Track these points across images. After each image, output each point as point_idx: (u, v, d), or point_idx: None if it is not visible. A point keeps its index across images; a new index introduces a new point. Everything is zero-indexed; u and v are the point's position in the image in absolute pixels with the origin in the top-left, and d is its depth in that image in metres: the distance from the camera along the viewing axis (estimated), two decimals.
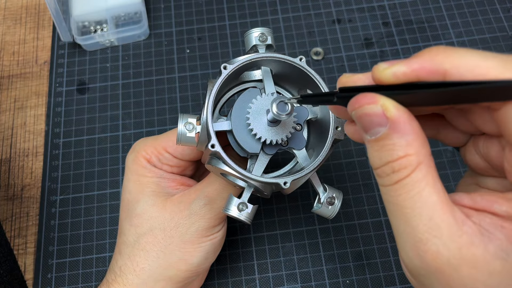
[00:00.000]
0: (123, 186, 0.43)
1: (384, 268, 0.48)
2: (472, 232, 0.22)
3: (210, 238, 0.40)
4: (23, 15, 0.65)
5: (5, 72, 0.61)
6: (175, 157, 0.42)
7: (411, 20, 0.62)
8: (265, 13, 0.63)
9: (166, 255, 0.39)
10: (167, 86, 0.59)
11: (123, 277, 0.39)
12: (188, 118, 0.35)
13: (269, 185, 0.34)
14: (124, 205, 0.42)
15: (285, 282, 0.48)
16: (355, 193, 0.52)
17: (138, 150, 0.42)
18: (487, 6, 0.62)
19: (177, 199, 0.40)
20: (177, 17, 0.64)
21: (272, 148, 0.36)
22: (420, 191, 0.23)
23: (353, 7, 0.63)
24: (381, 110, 0.23)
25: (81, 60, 0.61)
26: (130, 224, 0.40)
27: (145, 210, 0.40)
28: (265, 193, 0.35)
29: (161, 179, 0.41)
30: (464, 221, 0.23)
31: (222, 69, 0.35)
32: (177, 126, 0.35)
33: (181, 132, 0.35)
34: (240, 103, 0.36)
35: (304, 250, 0.49)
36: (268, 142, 0.35)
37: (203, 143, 0.34)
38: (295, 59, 0.36)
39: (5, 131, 0.57)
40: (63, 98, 0.59)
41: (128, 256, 0.39)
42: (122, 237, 0.41)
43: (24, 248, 0.51)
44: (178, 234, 0.39)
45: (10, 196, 0.53)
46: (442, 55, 0.23)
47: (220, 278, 0.49)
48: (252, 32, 0.36)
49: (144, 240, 0.39)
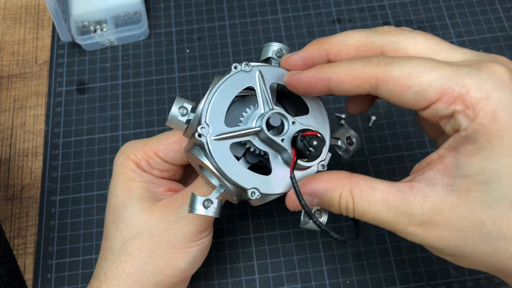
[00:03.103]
0: (110, 189, 0.42)
1: (384, 268, 0.48)
2: (420, 188, 0.29)
3: (198, 243, 0.39)
4: (22, 15, 0.65)
5: (4, 72, 0.61)
6: (166, 162, 0.41)
7: (411, 20, 0.62)
8: (265, 13, 0.63)
9: (153, 260, 0.38)
10: (167, 86, 0.59)
11: (108, 283, 0.38)
12: (184, 103, 0.35)
13: (241, 191, 0.33)
14: (110, 209, 0.41)
15: (285, 282, 0.48)
16: None
17: (127, 153, 0.41)
18: (487, 6, 0.62)
19: (165, 204, 0.39)
20: (177, 17, 0.64)
21: (253, 157, 0.36)
22: (368, 200, 0.30)
23: (353, 7, 0.63)
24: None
25: (80, 60, 0.61)
26: (116, 229, 0.39)
27: (133, 215, 0.39)
28: (234, 198, 0.34)
29: (149, 184, 0.41)
30: (412, 186, 0.29)
31: (243, 66, 0.34)
32: (172, 107, 0.35)
33: (173, 114, 0.35)
34: (237, 105, 0.36)
35: (304, 250, 0.49)
36: (252, 150, 0.34)
37: (193, 129, 0.34)
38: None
39: (4, 131, 0.57)
40: (62, 98, 0.59)
41: (114, 261, 0.39)
42: (107, 242, 0.40)
43: (24, 248, 0.51)
44: (165, 239, 0.38)
45: (10, 196, 0.53)
46: (326, 66, 0.31)
47: (220, 278, 0.49)
48: (271, 45, 0.37)
49: (131, 245, 0.38)
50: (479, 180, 0.27)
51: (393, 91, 0.28)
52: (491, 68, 0.27)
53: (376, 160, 0.53)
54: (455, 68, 0.27)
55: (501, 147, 0.26)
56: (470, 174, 0.27)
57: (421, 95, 0.28)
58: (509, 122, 0.26)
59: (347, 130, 0.38)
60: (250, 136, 0.34)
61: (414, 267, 0.48)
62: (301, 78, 0.32)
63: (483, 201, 0.27)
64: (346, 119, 0.56)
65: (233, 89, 0.34)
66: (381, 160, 0.53)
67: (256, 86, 0.34)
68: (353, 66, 0.30)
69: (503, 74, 0.27)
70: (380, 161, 0.53)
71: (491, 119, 0.26)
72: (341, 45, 0.32)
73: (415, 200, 0.29)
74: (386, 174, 0.52)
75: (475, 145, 0.27)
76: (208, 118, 0.33)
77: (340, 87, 0.30)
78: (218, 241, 0.50)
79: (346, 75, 0.30)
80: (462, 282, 0.47)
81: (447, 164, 0.28)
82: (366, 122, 0.55)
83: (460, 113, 0.27)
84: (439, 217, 0.28)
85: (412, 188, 0.29)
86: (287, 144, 0.33)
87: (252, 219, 0.51)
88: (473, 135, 0.27)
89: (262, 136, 0.33)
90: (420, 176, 0.29)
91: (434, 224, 0.28)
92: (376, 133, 0.55)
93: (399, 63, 0.28)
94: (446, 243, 0.28)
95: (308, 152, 0.32)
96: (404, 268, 0.48)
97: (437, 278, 0.47)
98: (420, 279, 0.48)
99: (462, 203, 0.27)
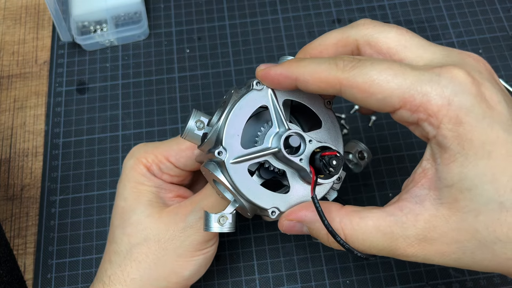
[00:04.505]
0: (118, 191, 0.42)
1: (384, 268, 0.48)
2: (410, 207, 0.29)
3: (204, 252, 0.39)
4: (22, 15, 0.65)
5: (4, 72, 0.61)
6: (177, 167, 0.41)
7: (411, 20, 0.62)
8: (265, 13, 0.63)
9: (159, 267, 0.38)
10: (167, 86, 0.59)
11: (112, 287, 0.38)
12: (201, 116, 0.35)
13: (256, 208, 0.33)
14: (118, 212, 0.41)
15: (285, 282, 0.48)
16: (355, 193, 0.52)
17: (138, 156, 0.41)
18: (487, 6, 0.62)
19: (173, 210, 0.39)
20: (177, 17, 0.64)
21: (268, 173, 0.36)
22: (361, 230, 0.30)
23: (353, 7, 0.63)
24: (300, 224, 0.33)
25: (80, 60, 0.61)
26: (123, 233, 0.39)
27: (140, 220, 0.39)
28: (248, 214, 0.34)
29: (159, 189, 0.41)
30: (402, 207, 0.29)
31: (255, 84, 0.34)
32: (188, 120, 0.35)
33: (190, 127, 0.35)
34: (252, 123, 0.36)
35: (304, 250, 0.49)
36: (266, 166, 0.34)
37: (209, 145, 0.34)
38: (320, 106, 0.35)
39: (4, 131, 0.57)
40: (62, 98, 0.59)
41: (119, 265, 0.39)
42: (113, 245, 0.40)
43: (24, 248, 0.51)
44: (172, 246, 0.38)
45: (10, 196, 0.53)
46: (294, 65, 0.31)
47: (220, 278, 0.49)
48: (286, 58, 0.37)
49: (137, 250, 0.38)
50: (463, 188, 0.27)
51: (357, 97, 0.29)
52: (452, 72, 0.27)
53: (376, 160, 0.53)
54: (417, 74, 0.27)
55: (475, 150, 0.26)
56: (453, 183, 0.27)
57: (385, 102, 0.28)
58: (474, 124, 0.26)
59: (357, 144, 0.38)
60: (268, 156, 0.34)
61: (414, 267, 0.48)
62: (270, 74, 0.33)
63: (473, 208, 0.26)
64: (346, 119, 0.56)
65: (247, 110, 0.33)
66: (381, 160, 0.53)
67: (269, 105, 0.34)
68: (319, 69, 0.30)
69: (464, 78, 0.27)
70: (380, 161, 0.53)
71: (456, 124, 0.26)
72: (320, 47, 0.34)
73: (407, 221, 0.28)
74: (386, 174, 0.52)
75: (449, 152, 0.27)
76: (224, 141, 0.32)
77: (307, 87, 0.31)
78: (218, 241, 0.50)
79: (312, 77, 0.30)
80: (462, 282, 0.47)
81: (430, 177, 0.28)
82: (366, 122, 0.55)
83: (424, 121, 0.27)
84: (434, 233, 0.28)
85: (402, 209, 0.29)
86: (306, 163, 0.33)
87: (252, 219, 0.51)
88: (444, 141, 0.27)
89: (279, 156, 0.33)
90: (407, 194, 0.29)
91: (431, 241, 0.28)
92: (376, 133, 0.55)
93: (363, 69, 0.28)
94: (446, 257, 0.28)
95: (328, 172, 0.32)
96: (404, 268, 0.48)
97: (437, 278, 0.47)
98: (420, 279, 0.48)
99: (453, 214, 0.27)
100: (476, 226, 0.27)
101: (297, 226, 0.33)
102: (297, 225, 0.33)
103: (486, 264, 0.28)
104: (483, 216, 0.26)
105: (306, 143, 0.33)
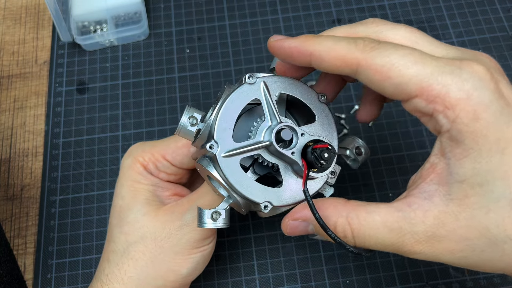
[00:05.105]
0: (115, 191, 0.42)
1: (384, 268, 0.48)
2: (419, 203, 0.28)
3: (201, 249, 0.39)
4: (22, 15, 0.65)
5: (4, 72, 0.61)
6: (173, 165, 0.41)
7: (411, 20, 0.62)
8: (265, 13, 0.63)
9: (156, 265, 0.38)
10: (167, 86, 0.59)
11: (109, 285, 0.38)
12: (194, 112, 0.35)
13: (250, 203, 0.33)
14: (115, 211, 0.41)
15: (285, 282, 0.48)
16: (355, 193, 0.52)
17: (135, 155, 0.41)
18: (487, 6, 0.62)
19: (170, 209, 0.39)
20: (177, 17, 0.64)
21: (262, 169, 0.35)
22: (368, 225, 0.29)
23: (353, 7, 0.63)
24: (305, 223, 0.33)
25: (80, 60, 0.61)
26: (120, 232, 0.39)
27: (137, 218, 0.39)
28: (242, 210, 0.34)
29: (155, 187, 0.41)
30: (410, 202, 0.28)
31: (247, 78, 0.34)
32: (181, 116, 0.35)
33: (183, 123, 0.35)
34: (246, 117, 0.36)
35: (304, 250, 0.49)
36: (260, 161, 0.34)
37: (202, 140, 0.34)
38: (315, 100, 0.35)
39: (4, 131, 0.57)
40: (62, 98, 0.59)
41: (116, 264, 0.39)
42: (111, 245, 0.40)
43: (24, 248, 0.51)
44: (169, 244, 0.38)
45: (10, 196, 0.53)
46: (310, 40, 0.30)
47: (220, 278, 0.49)
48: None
49: (134, 249, 0.38)
50: (475, 183, 0.26)
51: (373, 79, 0.28)
52: (473, 67, 0.27)
53: (376, 160, 0.53)
54: (438, 65, 0.27)
55: (489, 146, 0.26)
56: (465, 178, 0.26)
57: (401, 88, 0.27)
58: (491, 120, 0.26)
59: (354, 139, 0.38)
60: (260, 150, 0.33)
61: (414, 267, 0.48)
62: (284, 47, 0.31)
63: (483, 205, 0.26)
64: (346, 119, 0.56)
65: (239, 103, 0.33)
66: (381, 160, 0.53)
67: (261, 98, 0.34)
68: (337, 46, 0.29)
69: (484, 74, 0.27)
70: (380, 161, 0.53)
71: (472, 119, 0.26)
72: None
73: (416, 217, 0.28)
74: (386, 174, 0.52)
75: (462, 147, 0.26)
76: (216, 135, 0.32)
77: (321, 65, 0.30)
78: (218, 241, 0.50)
79: (329, 54, 0.29)
80: (462, 282, 0.47)
81: (439, 172, 0.28)
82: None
83: (440, 113, 0.27)
84: (443, 230, 0.27)
85: (410, 205, 0.28)
86: (298, 156, 0.33)
87: (252, 219, 0.51)
88: (458, 136, 0.26)
89: (272, 150, 0.33)
90: (415, 189, 0.29)
91: (440, 238, 0.27)
92: (376, 133, 0.55)
93: (383, 51, 0.28)
94: (455, 255, 0.28)
95: (320, 165, 0.32)
96: (404, 268, 0.48)
97: (437, 278, 0.47)
98: (420, 279, 0.48)
99: (463, 210, 0.27)
100: (486, 224, 0.26)
101: (302, 226, 0.32)
102: (302, 225, 0.32)
103: (494, 264, 0.27)
104: (493, 213, 0.26)
105: (298, 136, 0.33)
